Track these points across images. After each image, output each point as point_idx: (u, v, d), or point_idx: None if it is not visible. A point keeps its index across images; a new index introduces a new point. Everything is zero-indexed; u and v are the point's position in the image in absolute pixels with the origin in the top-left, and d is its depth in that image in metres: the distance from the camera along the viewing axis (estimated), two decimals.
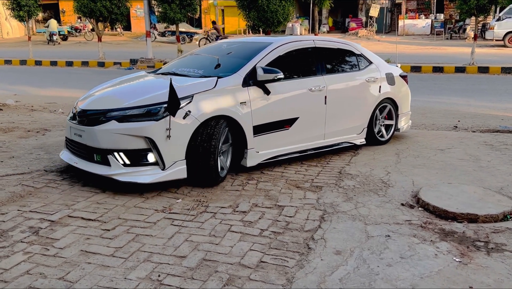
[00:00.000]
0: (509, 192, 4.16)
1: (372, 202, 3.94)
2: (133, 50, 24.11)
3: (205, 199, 3.96)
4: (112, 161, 4.02)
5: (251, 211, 3.71)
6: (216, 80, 4.40)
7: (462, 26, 29.32)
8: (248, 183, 4.42)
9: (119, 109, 4.08)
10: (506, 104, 9.32)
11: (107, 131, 4.01)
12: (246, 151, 4.58)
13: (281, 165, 5.05)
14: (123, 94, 4.46)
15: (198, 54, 5.57)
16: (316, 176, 4.68)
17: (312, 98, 5.11)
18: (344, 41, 5.89)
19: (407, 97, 6.34)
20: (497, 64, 15.79)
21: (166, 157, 3.99)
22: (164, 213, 3.63)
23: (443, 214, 3.68)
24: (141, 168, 4.01)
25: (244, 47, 5.24)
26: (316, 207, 3.81)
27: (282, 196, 4.06)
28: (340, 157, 5.45)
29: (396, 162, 5.22)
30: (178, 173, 4.07)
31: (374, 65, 5.93)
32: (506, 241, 3.18)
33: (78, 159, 4.35)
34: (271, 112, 4.72)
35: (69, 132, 4.47)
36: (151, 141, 3.95)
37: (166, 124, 3.95)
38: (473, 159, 5.30)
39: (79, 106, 4.47)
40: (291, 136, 4.97)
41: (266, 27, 16.99)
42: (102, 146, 4.03)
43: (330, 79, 5.32)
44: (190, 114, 4.07)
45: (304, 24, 35.86)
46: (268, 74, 4.57)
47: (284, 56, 5.02)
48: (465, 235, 3.29)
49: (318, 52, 5.37)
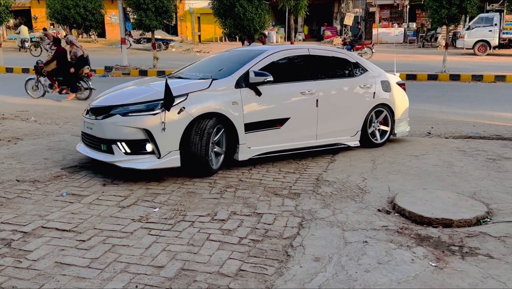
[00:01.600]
0: (482, 197, 4.26)
1: (349, 208, 3.97)
2: (107, 57, 23.81)
3: (183, 208, 3.93)
4: (116, 150, 4.61)
5: (229, 219, 3.69)
6: (210, 82, 4.96)
7: (434, 34, 30.11)
8: (227, 190, 4.40)
9: (123, 105, 4.71)
10: (477, 111, 9.58)
11: (112, 124, 4.63)
12: (238, 146, 5.03)
13: (259, 172, 5.06)
14: (128, 93, 5.09)
15: (202, 61, 6.23)
16: (294, 183, 4.70)
17: (304, 101, 5.52)
18: (340, 50, 6.38)
19: (404, 104, 6.65)
20: (467, 72, 16.24)
21: (161, 147, 4.53)
22: (141, 223, 3.58)
23: (419, 219, 3.74)
24: (140, 156, 4.59)
25: (242, 54, 5.77)
26: (295, 214, 3.82)
27: (261, 204, 4.06)
28: (317, 164, 5.49)
29: (372, 168, 5.28)
30: (172, 161, 4.60)
31: (370, 73, 6.28)
32: (480, 245, 3.25)
33: (89, 149, 5.00)
34: (262, 112, 5.17)
35: (83, 126, 5.12)
36: (149, 133, 4.51)
37: (162, 118, 4.50)
38: (447, 165, 5.42)
39: (92, 103, 5.16)
40: (283, 135, 5.38)
41: (243, 34, 17.05)
42: (108, 137, 4.65)
43: (322, 84, 5.72)
44: (184, 110, 4.60)
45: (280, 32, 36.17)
46: (258, 77, 5.05)
47: (278, 62, 5.50)
48: (440, 240, 3.35)
49: (312, 60, 5.80)
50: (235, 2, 16.02)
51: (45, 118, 8.56)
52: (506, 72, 16.15)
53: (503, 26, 24.28)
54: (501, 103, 10.84)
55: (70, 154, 5.70)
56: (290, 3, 19.25)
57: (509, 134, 7.33)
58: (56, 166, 5.13)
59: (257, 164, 5.39)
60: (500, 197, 4.26)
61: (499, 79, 15.46)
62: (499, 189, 4.50)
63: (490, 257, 3.05)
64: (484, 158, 5.74)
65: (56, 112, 9.20)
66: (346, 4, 35.33)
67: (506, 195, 4.33)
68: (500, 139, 6.98)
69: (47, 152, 5.77)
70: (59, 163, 5.24)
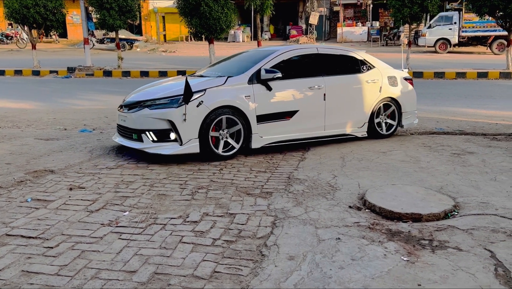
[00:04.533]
0: (449, 191, 4.37)
1: (321, 206, 4.00)
2: (70, 58, 23.21)
3: (154, 210, 3.86)
4: (144, 138, 5.38)
5: (202, 220, 3.65)
6: (226, 79, 5.64)
7: (397, 33, 30.75)
8: (198, 191, 4.36)
9: (151, 100, 5.48)
10: (440, 107, 9.85)
11: (141, 116, 5.38)
12: (251, 135, 5.65)
13: (230, 172, 5.03)
14: (156, 90, 5.84)
15: (223, 61, 6.90)
16: (266, 182, 4.70)
17: (312, 95, 6.10)
18: (348, 49, 6.92)
19: (411, 98, 7.08)
20: (430, 69, 16.69)
21: (183, 135, 5.24)
22: (110, 227, 3.50)
23: (389, 214, 3.81)
24: (164, 143, 5.33)
25: (256, 55, 6.38)
26: (267, 213, 3.82)
27: (233, 204, 4.04)
28: (288, 162, 5.51)
29: (341, 165, 5.34)
30: (192, 148, 5.30)
31: (376, 69, 6.77)
32: (449, 238, 3.33)
33: (123, 139, 5.74)
34: (273, 105, 5.79)
35: (118, 119, 5.88)
36: (172, 123, 5.23)
37: (183, 110, 5.21)
38: (414, 160, 5.54)
39: (125, 99, 5.95)
40: (292, 126, 5.96)
41: (209, 34, 16.94)
42: (138, 127, 5.41)
43: (330, 80, 6.27)
44: (202, 104, 5.30)
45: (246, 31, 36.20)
46: (269, 74, 5.68)
47: (288, 60, 6.10)
48: (410, 234, 3.42)
49: (320, 58, 6.38)
50: (201, 1, 15.88)
51: (6, 121, 8.25)
52: (466, 69, 16.70)
53: (462, 24, 25.09)
54: (463, 99, 11.19)
55: (33, 158, 5.51)
56: (256, 2, 19.24)
57: (471, 129, 7.57)
58: (19, 170, 4.95)
59: (228, 163, 5.37)
60: (466, 191, 4.39)
61: (460, 76, 15.96)
62: (464, 183, 4.63)
63: (459, 250, 3.13)
64: (449, 152, 5.91)
65: (18, 116, 8.88)
66: (310, 4, 35.65)
67: (471, 188, 4.46)
68: (463, 134, 7.20)
69: (9, 157, 5.56)
70: (23, 168, 5.06)
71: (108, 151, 5.96)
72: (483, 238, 3.31)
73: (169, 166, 5.26)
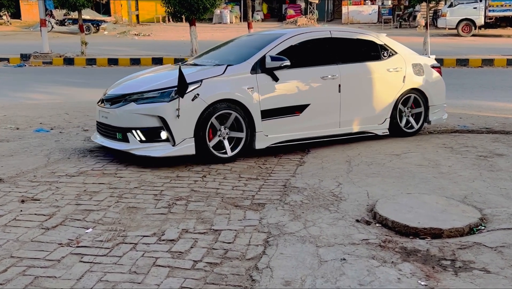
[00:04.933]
0: (474, 201, 4.38)
1: (323, 220, 3.99)
2: (24, 42, 23.07)
3: (122, 227, 3.82)
4: (131, 138, 5.39)
5: (180, 238, 3.62)
6: (225, 68, 5.66)
7: (412, 13, 30.92)
8: (176, 203, 4.33)
9: (137, 93, 5.48)
10: (463, 101, 9.90)
11: (127, 112, 5.40)
12: (254, 134, 5.67)
13: (215, 180, 5.01)
14: (142, 81, 5.88)
15: (220, 47, 6.98)
16: (258, 191, 4.69)
17: (325, 86, 6.14)
18: (365, 31, 7.02)
19: (439, 89, 7.18)
20: (451, 55, 16.79)
21: (176, 134, 5.26)
22: (70, 247, 3.46)
23: (404, 229, 3.80)
24: (154, 144, 5.36)
25: (260, 39, 6.47)
26: (259, 229, 3.80)
27: (218, 218, 4.02)
28: (283, 167, 5.50)
29: (347, 170, 5.34)
30: (187, 149, 5.32)
31: (399, 56, 6.86)
32: (474, 257, 3.32)
33: (104, 138, 5.76)
34: (280, 98, 5.83)
35: (98, 115, 5.88)
36: (163, 120, 5.24)
37: (176, 105, 5.20)
38: (433, 164, 5.55)
39: (107, 92, 5.95)
40: (302, 123, 6.01)
41: (190, 14, 16.91)
42: (123, 125, 5.42)
43: (345, 68, 6.30)
44: (198, 97, 5.31)
45: (235, 11, 36.24)
46: (275, 62, 5.67)
47: (297, 46, 6.12)
48: (429, 253, 3.41)
49: (334, 42, 6.42)
50: None
51: None
52: (494, 56, 16.82)
53: (489, 2, 25.26)
54: (490, 90, 11.27)
55: None
56: None
57: (500, 127, 7.61)
58: None
59: (212, 169, 5.34)
60: (494, 200, 4.39)
61: (486, 64, 16.07)
62: (492, 191, 4.64)
63: (486, 272, 3.13)
64: (474, 155, 5.93)
65: None
66: None
67: (500, 197, 4.47)
68: (491, 133, 7.23)
69: None
70: None
71: (69, 154, 5.91)
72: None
73: (141, 172, 5.23)
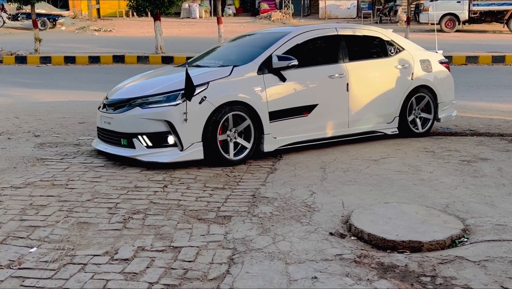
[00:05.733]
0: (456, 210, 4.37)
1: (294, 233, 3.93)
2: None
3: (71, 245, 3.70)
4: (137, 144, 5.59)
5: (135, 257, 3.52)
6: (231, 69, 5.91)
7: (393, 7, 31.29)
8: (132, 218, 4.22)
9: (142, 97, 5.70)
10: None
11: (132, 117, 5.61)
12: (262, 136, 5.90)
13: (177, 190, 4.92)
14: (146, 85, 6.15)
15: (222, 46, 7.41)
16: (224, 203, 4.62)
17: (332, 85, 6.41)
18: (372, 28, 7.34)
19: (448, 85, 7.44)
20: None
21: (184, 139, 5.48)
22: (11, 269, 3.33)
23: (381, 243, 3.76)
24: (162, 149, 5.57)
25: (264, 38, 6.79)
26: (224, 245, 3.73)
27: (179, 233, 3.93)
28: (253, 175, 5.45)
29: (321, 178, 5.31)
30: (195, 154, 5.54)
31: (406, 52, 7.13)
32: (456, 273, 3.30)
33: (107, 145, 5.95)
34: (288, 99, 6.07)
35: (100, 121, 6.09)
36: (170, 124, 5.46)
37: (183, 109, 5.41)
38: (413, 170, 5.55)
39: (108, 97, 6.16)
40: (311, 123, 6.26)
41: (155, 8, 16.77)
42: (128, 130, 5.63)
43: (353, 66, 6.57)
44: (206, 100, 5.53)
45: (204, 5, 36.14)
46: (282, 62, 5.91)
47: (303, 44, 6.36)
48: (408, 269, 3.37)
49: (341, 40, 6.66)
50: None
51: None
52: (479, 52, 17.11)
53: None
54: (475, 90, 11.42)
55: None
56: None
57: (485, 128, 7.69)
58: None
59: (174, 178, 5.25)
60: (478, 209, 4.40)
61: (471, 61, 16.34)
62: (476, 199, 4.65)
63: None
64: (457, 159, 5.96)
65: None
66: None
67: (484, 206, 4.48)
68: (475, 135, 7.31)
69: None
70: None
71: (16, 163, 5.74)
72: (499, 272, 3.29)
73: (95, 182, 5.10)
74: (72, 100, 10.42)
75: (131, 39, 23.94)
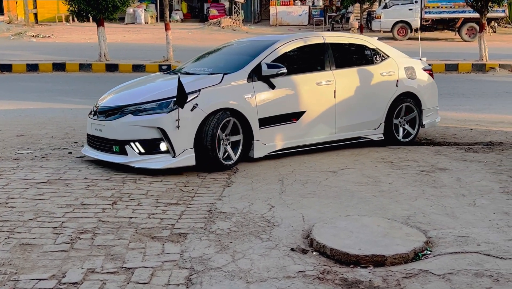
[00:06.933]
0: (418, 222, 4.45)
1: (254, 250, 3.91)
2: None
3: (14, 269, 3.56)
4: (129, 150, 5.85)
5: (85, 280, 3.43)
6: (222, 76, 6.23)
7: (345, 14, 31.87)
8: (80, 237, 4.11)
9: (134, 104, 5.97)
10: None
11: (124, 124, 5.87)
12: (252, 142, 6.24)
13: (127, 207, 4.83)
14: (138, 92, 6.47)
15: (209, 54, 7.62)
16: (178, 219, 4.57)
17: (320, 92, 6.79)
18: (358, 36, 7.82)
19: (432, 92, 7.85)
20: None
21: (176, 145, 5.75)
22: None
23: (344, 258, 3.79)
24: (154, 155, 5.85)
25: (252, 46, 7.18)
26: (180, 265, 3.68)
27: (131, 253, 3.85)
28: (208, 190, 5.40)
29: (280, 191, 5.32)
30: (187, 160, 5.82)
31: (391, 59, 7.52)
32: (421, 287, 3.34)
33: (98, 152, 6.19)
34: (277, 105, 6.44)
35: (90, 128, 6.35)
36: (163, 131, 5.73)
37: (176, 116, 5.69)
38: (372, 182, 5.63)
39: (99, 104, 6.39)
40: (299, 130, 6.65)
41: (98, 13, 16.53)
42: (120, 138, 5.89)
43: (340, 74, 6.95)
44: (197, 107, 5.83)
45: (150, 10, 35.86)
46: (271, 70, 6.25)
47: (291, 52, 6.80)
48: (372, 285, 3.40)
49: (328, 48, 7.04)
50: None
51: None
52: (431, 61, 17.47)
53: (425, 4, 26.48)
54: None
55: None
56: None
57: (441, 138, 7.91)
58: None
59: (124, 194, 5.15)
60: (439, 221, 4.49)
61: None
62: (437, 210, 4.75)
63: None
64: (416, 170, 6.08)
65: None
66: None
67: (446, 217, 4.58)
68: (432, 145, 7.50)
69: None
70: None
71: None
72: (464, 285, 3.35)
73: (38, 200, 4.94)
74: (8, 110, 10.11)
75: (72, 45, 23.50)
